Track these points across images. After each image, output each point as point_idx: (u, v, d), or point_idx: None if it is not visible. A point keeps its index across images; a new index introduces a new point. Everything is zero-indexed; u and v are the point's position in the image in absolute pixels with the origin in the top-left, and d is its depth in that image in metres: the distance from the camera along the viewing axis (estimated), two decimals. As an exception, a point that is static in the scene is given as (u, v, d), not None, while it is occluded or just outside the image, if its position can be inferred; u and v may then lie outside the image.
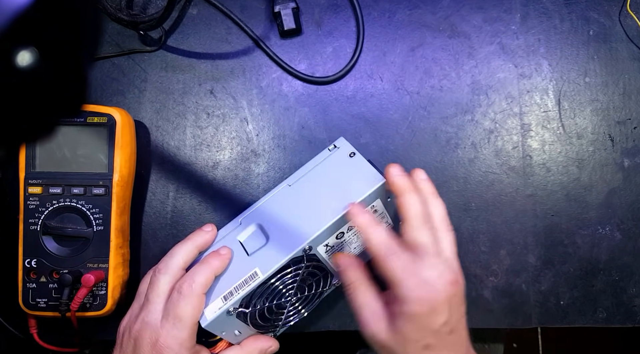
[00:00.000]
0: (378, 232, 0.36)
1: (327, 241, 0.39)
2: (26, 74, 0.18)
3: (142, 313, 0.38)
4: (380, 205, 0.41)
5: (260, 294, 0.38)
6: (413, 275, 0.34)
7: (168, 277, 0.38)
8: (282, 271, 0.38)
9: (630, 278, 0.47)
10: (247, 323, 0.40)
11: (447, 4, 0.49)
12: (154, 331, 0.37)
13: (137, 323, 0.38)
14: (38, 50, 0.18)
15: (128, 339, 0.38)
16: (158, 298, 0.38)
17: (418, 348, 0.34)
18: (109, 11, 0.44)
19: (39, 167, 0.42)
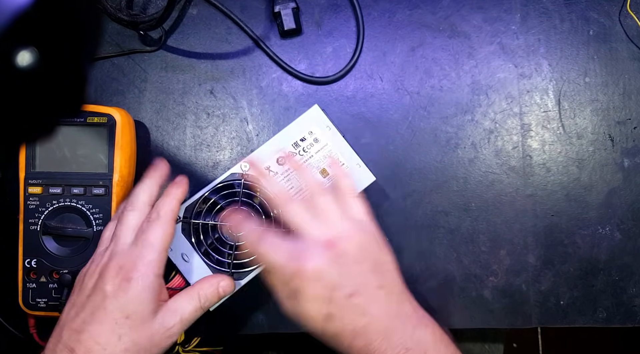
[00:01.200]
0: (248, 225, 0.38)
1: (269, 164, 0.42)
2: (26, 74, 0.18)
3: (110, 248, 0.37)
4: None
5: (205, 211, 0.42)
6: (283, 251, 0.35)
7: (137, 212, 0.38)
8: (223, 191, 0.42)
9: (630, 278, 0.47)
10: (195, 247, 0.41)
11: (447, 4, 0.49)
12: (121, 256, 0.36)
13: (103, 258, 0.37)
14: (38, 50, 0.18)
15: (90, 276, 0.37)
16: (127, 231, 0.38)
17: (320, 320, 0.34)
18: (109, 11, 0.44)
19: (39, 167, 0.42)
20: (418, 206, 0.48)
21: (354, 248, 0.35)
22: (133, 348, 0.35)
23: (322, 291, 0.33)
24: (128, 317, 0.35)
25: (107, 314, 0.34)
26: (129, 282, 0.35)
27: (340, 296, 0.33)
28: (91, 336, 0.34)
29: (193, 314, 0.38)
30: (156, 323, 0.36)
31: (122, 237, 0.37)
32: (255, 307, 0.47)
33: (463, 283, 0.47)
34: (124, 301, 0.35)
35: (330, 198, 0.38)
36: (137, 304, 0.35)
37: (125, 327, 0.35)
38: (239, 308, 0.47)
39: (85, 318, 0.35)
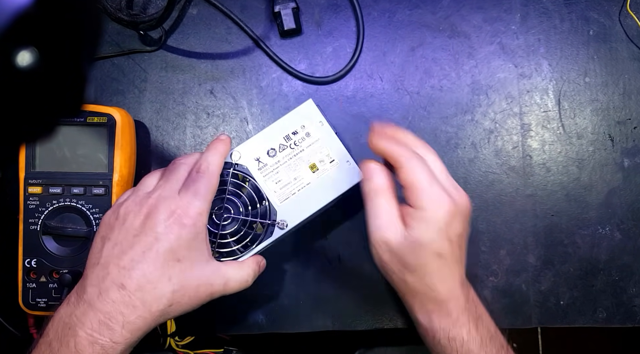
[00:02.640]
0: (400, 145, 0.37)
1: (259, 156, 0.42)
2: (26, 74, 0.18)
3: (157, 191, 0.38)
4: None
5: None
6: (436, 185, 0.36)
7: (187, 166, 0.39)
8: None
9: (630, 278, 0.47)
10: None
11: (447, 4, 0.49)
12: (172, 201, 0.37)
13: (150, 199, 0.37)
14: (38, 50, 0.18)
15: (136, 214, 0.37)
16: (177, 180, 0.38)
17: (431, 253, 0.36)
18: (109, 11, 0.44)
19: (39, 166, 0.42)
20: (418, 206, 0.48)
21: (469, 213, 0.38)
22: (180, 290, 0.36)
23: (452, 230, 0.36)
24: (179, 260, 0.36)
25: (159, 255, 0.35)
26: (182, 227, 0.36)
27: (457, 243, 0.37)
28: (143, 274, 0.35)
29: (236, 284, 0.39)
30: (204, 275, 0.37)
31: (170, 183, 0.38)
32: (255, 307, 0.47)
33: (463, 283, 0.47)
34: (176, 244, 0.35)
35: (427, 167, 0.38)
36: (188, 250, 0.36)
37: (175, 269, 0.35)
38: (239, 308, 0.47)
39: (134, 257, 0.35)
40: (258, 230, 0.42)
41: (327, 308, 0.47)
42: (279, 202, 0.42)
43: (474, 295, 0.39)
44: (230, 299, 0.47)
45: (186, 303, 0.36)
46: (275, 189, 0.42)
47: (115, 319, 0.34)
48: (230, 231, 0.41)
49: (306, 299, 0.47)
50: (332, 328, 0.47)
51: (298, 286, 0.47)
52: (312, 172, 0.42)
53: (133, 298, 0.34)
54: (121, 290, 0.34)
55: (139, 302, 0.34)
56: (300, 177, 0.42)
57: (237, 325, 0.47)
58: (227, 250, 0.41)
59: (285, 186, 0.42)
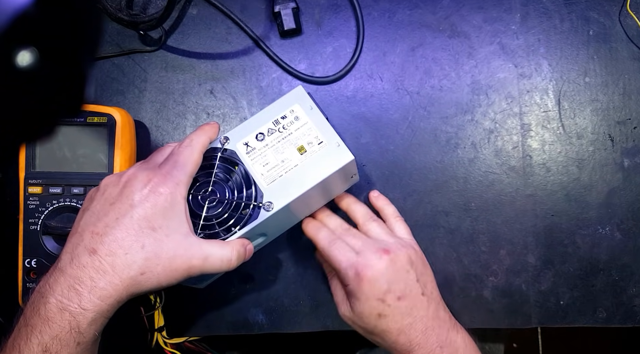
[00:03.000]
0: (323, 232, 0.42)
1: (247, 140, 0.42)
2: (26, 74, 0.18)
3: (138, 165, 0.38)
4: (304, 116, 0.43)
5: None
6: (347, 257, 0.39)
7: (173, 147, 0.40)
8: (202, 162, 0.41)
9: (630, 278, 0.47)
10: None
11: (447, 4, 0.49)
12: (151, 171, 0.37)
13: (130, 170, 0.37)
14: (38, 50, 0.18)
15: (114, 184, 0.37)
16: (161, 156, 0.39)
17: (373, 318, 0.39)
18: (109, 11, 0.44)
19: (39, 166, 0.42)
20: (418, 206, 0.48)
21: (403, 259, 0.40)
22: (154, 258, 0.35)
23: (376, 293, 0.38)
24: (154, 229, 0.35)
25: (133, 222, 0.35)
26: (158, 195, 0.35)
27: (391, 299, 0.38)
28: (115, 240, 0.34)
29: (218, 262, 0.37)
30: (182, 247, 0.36)
31: (153, 159, 0.39)
32: (255, 307, 0.47)
33: (463, 283, 0.47)
34: (151, 212, 0.35)
35: (380, 222, 0.44)
36: (164, 219, 0.36)
37: (150, 238, 0.35)
38: (239, 308, 0.47)
39: (108, 223, 0.35)
40: (244, 213, 0.42)
41: (327, 308, 0.47)
42: (266, 184, 0.41)
43: (456, 335, 0.40)
44: (230, 299, 0.47)
45: (160, 273, 0.35)
46: (263, 172, 0.41)
47: (84, 283, 0.33)
48: (215, 214, 0.41)
49: (306, 299, 0.47)
50: (332, 328, 0.47)
51: (298, 286, 0.47)
52: (300, 154, 0.41)
53: (103, 262, 0.34)
54: (92, 254, 0.34)
55: (109, 267, 0.34)
56: (288, 159, 0.41)
57: (237, 325, 0.47)
58: (210, 232, 0.40)
59: (272, 168, 0.41)
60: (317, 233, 0.42)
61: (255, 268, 0.47)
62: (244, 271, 0.46)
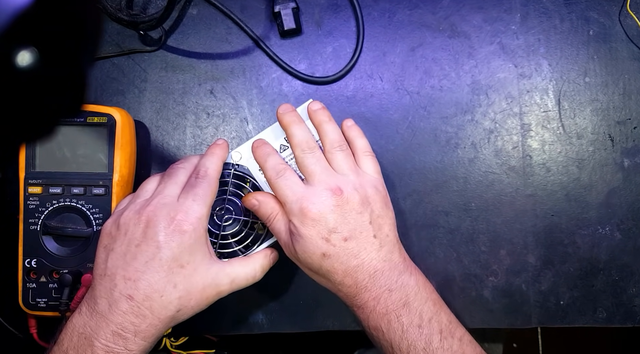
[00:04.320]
0: (272, 159, 0.40)
1: None
2: (26, 74, 0.18)
3: (156, 198, 0.38)
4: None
5: None
6: (295, 191, 0.38)
7: (186, 171, 0.40)
8: None
9: (630, 278, 0.47)
10: None
11: (447, 4, 0.49)
12: (172, 208, 0.37)
13: (149, 207, 0.37)
14: (38, 50, 0.18)
15: (136, 224, 0.37)
16: (175, 185, 0.39)
17: (317, 257, 0.37)
18: (109, 11, 0.44)
19: (39, 166, 0.42)
20: (418, 206, 0.48)
21: (357, 199, 0.38)
22: (186, 296, 0.36)
23: (320, 231, 0.37)
24: (182, 266, 0.36)
25: (163, 264, 0.36)
26: (182, 233, 0.36)
27: (337, 238, 0.37)
28: (149, 284, 0.35)
29: (244, 281, 0.40)
30: (209, 277, 0.37)
31: (169, 189, 0.38)
32: (255, 307, 0.47)
33: (463, 283, 0.47)
34: (178, 251, 0.36)
35: (347, 154, 0.40)
36: (190, 255, 0.36)
37: (180, 275, 0.36)
38: (239, 308, 0.47)
39: (138, 267, 0.36)
40: (259, 231, 0.42)
41: (327, 308, 0.47)
42: None
43: (408, 279, 0.38)
44: (230, 299, 0.47)
45: (194, 306, 0.37)
46: None
47: (127, 329, 0.35)
48: (232, 232, 0.41)
49: (306, 299, 0.47)
50: (331, 328, 0.47)
51: (298, 286, 0.47)
52: None
53: (142, 308, 0.35)
54: (129, 301, 0.35)
55: (148, 311, 0.35)
56: (302, 176, 0.42)
57: (237, 325, 0.47)
58: (228, 251, 0.41)
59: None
60: (266, 159, 0.40)
61: (255, 268, 0.47)
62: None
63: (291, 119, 0.41)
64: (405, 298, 0.37)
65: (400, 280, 0.37)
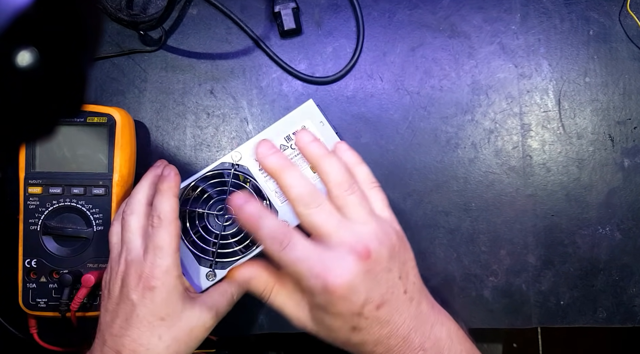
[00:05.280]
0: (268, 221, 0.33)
1: None
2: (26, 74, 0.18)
3: (122, 255, 0.38)
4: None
5: (193, 198, 0.42)
6: (309, 262, 0.32)
7: (135, 216, 0.39)
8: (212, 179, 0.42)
9: (630, 278, 0.47)
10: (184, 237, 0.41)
11: (447, 4, 0.49)
12: (138, 265, 0.37)
13: (120, 265, 0.38)
14: (38, 50, 0.18)
15: (114, 282, 0.38)
16: (134, 236, 0.38)
17: (344, 332, 0.33)
18: (109, 11, 0.44)
19: (39, 167, 0.42)
20: (418, 206, 0.48)
21: (385, 255, 0.33)
22: (174, 344, 0.36)
23: (352, 307, 0.32)
24: (163, 319, 0.36)
25: (141, 320, 0.36)
26: (152, 291, 0.36)
27: (369, 310, 0.32)
28: (133, 340, 0.36)
29: (226, 308, 0.40)
30: (194, 317, 0.37)
31: (130, 243, 0.38)
32: (255, 307, 0.47)
33: (463, 283, 0.47)
34: (152, 307, 0.36)
35: (361, 196, 0.35)
36: (168, 307, 0.36)
37: (162, 327, 0.36)
38: (239, 308, 0.47)
39: (121, 324, 0.36)
40: None
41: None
42: (280, 203, 0.42)
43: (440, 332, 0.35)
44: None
45: (185, 349, 0.37)
46: (276, 189, 0.42)
47: None
48: (232, 232, 0.41)
49: (306, 299, 0.47)
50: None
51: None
52: (314, 172, 0.42)
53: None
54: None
55: None
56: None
57: (237, 325, 0.47)
58: (228, 251, 0.41)
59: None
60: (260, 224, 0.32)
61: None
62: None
63: (279, 164, 0.34)
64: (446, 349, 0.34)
65: (432, 335, 0.34)
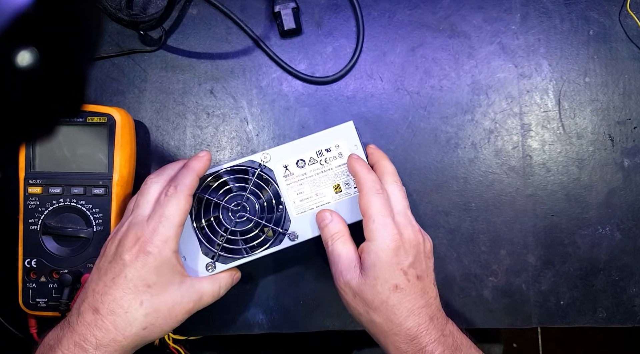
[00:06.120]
0: (371, 174, 0.39)
1: (287, 163, 0.42)
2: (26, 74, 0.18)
3: (130, 217, 0.38)
4: None
5: (214, 188, 0.42)
6: (387, 217, 0.38)
7: (159, 185, 0.39)
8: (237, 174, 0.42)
9: (630, 278, 0.47)
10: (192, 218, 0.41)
11: (447, 4, 0.49)
12: (139, 228, 0.37)
13: (123, 227, 0.38)
14: (38, 50, 0.18)
15: (112, 242, 0.38)
16: (147, 203, 0.39)
17: (388, 288, 0.36)
18: (109, 11, 0.44)
19: (39, 166, 0.42)
20: (418, 206, 0.48)
21: (430, 246, 0.40)
22: (153, 313, 0.36)
23: (401, 262, 0.37)
24: (149, 286, 0.36)
25: (128, 282, 0.36)
26: (146, 255, 0.36)
27: (412, 274, 0.37)
28: (114, 299, 0.36)
29: (210, 298, 0.40)
30: (178, 295, 0.37)
31: (141, 207, 0.38)
32: (255, 307, 0.47)
33: (463, 283, 0.47)
34: (143, 272, 0.36)
35: (384, 199, 0.39)
36: (157, 276, 0.36)
37: (147, 294, 0.36)
38: (239, 308, 0.47)
39: (106, 282, 0.36)
40: (268, 235, 0.42)
41: (327, 308, 0.47)
42: (295, 214, 0.42)
43: (452, 327, 0.39)
44: (229, 299, 0.47)
45: (163, 324, 0.37)
46: (295, 200, 0.42)
47: (89, 341, 0.35)
48: (242, 230, 0.41)
49: (306, 299, 0.47)
50: (331, 328, 0.47)
51: (298, 286, 0.47)
52: (335, 192, 0.42)
53: (105, 321, 0.35)
54: (95, 313, 0.35)
55: (112, 326, 0.35)
56: (322, 194, 0.42)
57: (237, 325, 0.47)
58: (234, 248, 0.41)
59: (305, 199, 0.42)
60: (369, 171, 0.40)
61: (256, 268, 0.47)
62: (244, 272, 0.46)
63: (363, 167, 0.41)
64: (455, 344, 0.37)
65: (447, 328, 0.38)
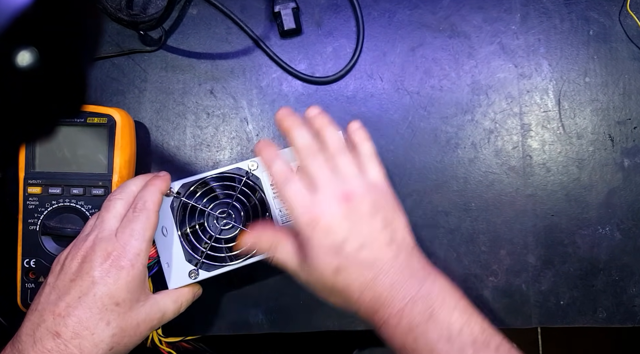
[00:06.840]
0: (278, 164, 0.37)
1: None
2: (26, 74, 0.18)
3: (94, 233, 0.37)
4: None
5: (200, 194, 0.42)
6: (303, 199, 0.35)
7: (124, 201, 0.38)
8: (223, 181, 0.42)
9: (630, 278, 0.47)
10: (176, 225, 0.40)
11: (447, 4, 0.49)
12: (108, 243, 0.36)
13: (86, 242, 0.36)
14: (38, 50, 0.18)
15: (72, 259, 0.36)
16: (114, 218, 0.37)
17: (330, 273, 0.34)
18: (109, 11, 0.44)
19: (39, 167, 0.42)
20: (418, 206, 0.48)
21: (367, 205, 0.35)
22: (120, 333, 0.35)
23: (333, 242, 0.34)
24: (118, 304, 0.35)
25: (97, 300, 0.34)
26: (119, 270, 0.35)
27: (350, 249, 0.34)
28: (79, 321, 0.34)
29: (172, 315, 0.39)
30: (143, 312, 0.37)
31: (106, 223, 0.37)
32: (255, 307, 0.47)
33: (463, 283, 0.47)
34: (114, 288, 0.35)
35: (351, 158, 0.38)
36: (127, 293, 0.35)
37: (114, 313, 0.35)
38: (239, 308, 0.47)
39: (70, 303, 0.34)
40: None
41: (327, 308, 0.47)
42: (281, 223, 0.42)
43: (431, 286, 0.34)
44: (229, 299, 0.47)
45: (128, 343, 0.36)
46: (281, 209, 0.42)
47: None
48: (226, 238, 0.41)
49: (306, 299, 0.47)
50: (331, 328, 0.47)
51: (298, 286, 0.47)
52: None
53: (69, 346, 0.33)
54: (56, 338, 0.33)
55: (77, 350, 0.33)
56: None
57: (237, 325, 0.47)
58: (218, 255, 0.41)
59: None
60: (272, 163, 0.37)
61: (256, 268, 0.47)
62: (244, 272, 0.46)
63: (292, 123, 0.38)
64: (430, 309, 0.33)
65: (422, 290, 0.33)
